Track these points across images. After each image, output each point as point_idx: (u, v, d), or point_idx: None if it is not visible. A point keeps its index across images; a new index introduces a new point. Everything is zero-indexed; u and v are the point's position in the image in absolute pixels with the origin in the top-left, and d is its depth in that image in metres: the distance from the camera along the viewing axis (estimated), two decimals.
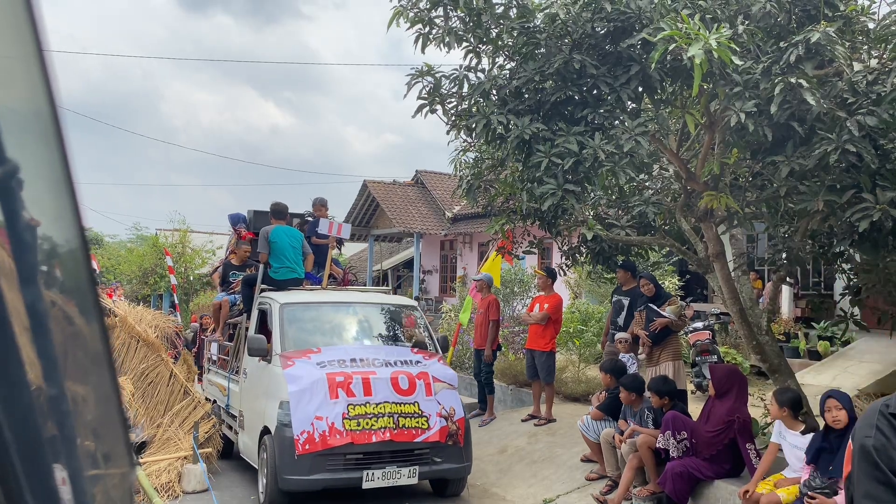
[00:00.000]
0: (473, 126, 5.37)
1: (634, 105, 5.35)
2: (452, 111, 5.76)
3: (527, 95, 5.34)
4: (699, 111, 5.37)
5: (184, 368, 8.79)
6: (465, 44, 5.58)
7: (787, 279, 7.08)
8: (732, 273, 6.67)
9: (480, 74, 5.58)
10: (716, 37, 4.09)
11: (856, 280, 6.16)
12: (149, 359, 8.62)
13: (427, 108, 5.65)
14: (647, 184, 7.78)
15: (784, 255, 6.20)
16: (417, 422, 6.21)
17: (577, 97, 5.23)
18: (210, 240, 28.25)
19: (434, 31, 5.45)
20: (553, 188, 4.91)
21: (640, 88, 5.19)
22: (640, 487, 5.99)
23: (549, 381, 8.54)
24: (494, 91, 5.44)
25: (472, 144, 7.26)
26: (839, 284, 8.94)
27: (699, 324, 9.39)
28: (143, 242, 31.48)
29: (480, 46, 5.65)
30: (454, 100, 5.69)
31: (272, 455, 6.10)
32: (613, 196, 7.45)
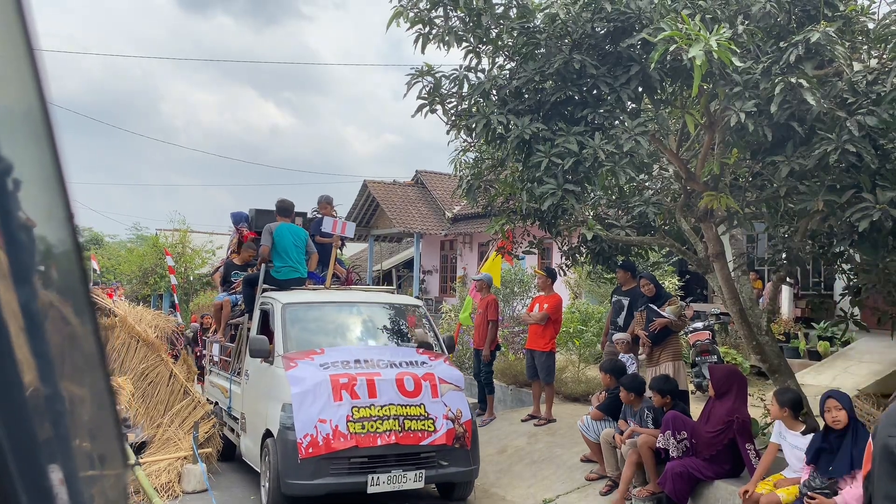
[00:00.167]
0: (473, 126, 5.37)
1: (634, 105, 5.35)
2: (452, 111, 5.76)
3: (527, 95, 5.34)
4: (699, 111, 5.37)
5: (184, 368, 8.79)
6: (465, 44, 5.57)
7: (787, 279, 7.07)
8: (732, 273, 6.67)
9: (480, 74, 5.58)
10: (716, 37, 4.09)
11: (856, 280, 6.16)
12: (149, 359, 8.62)
13: (427, 108, 5.64)
14: (647, 184, 7.78)
15: (784, 256, 6.20)
16: (423, 424, 6.08)
17: (577, 97, 5.23)
18: (210, 240, 28.27)
19: (434, 31, 5.45)
20: (553, 188, 4.90)
21: (640, 88, 5.19)
22: (640, 488, 5.99)
23: (549, 382, 8.53)
24: (494, 91, 5.43)
25: (472, 144, 7.26)
26: (839, 284, 8.94)
27: (699, 324, 9.39)
28: (143, 242, 31.50)
29: (480, 46, 5.64)
30: (454, 100, 5.68)
31: (275, 459, 5.97)
32: (613, 196, 7.45)
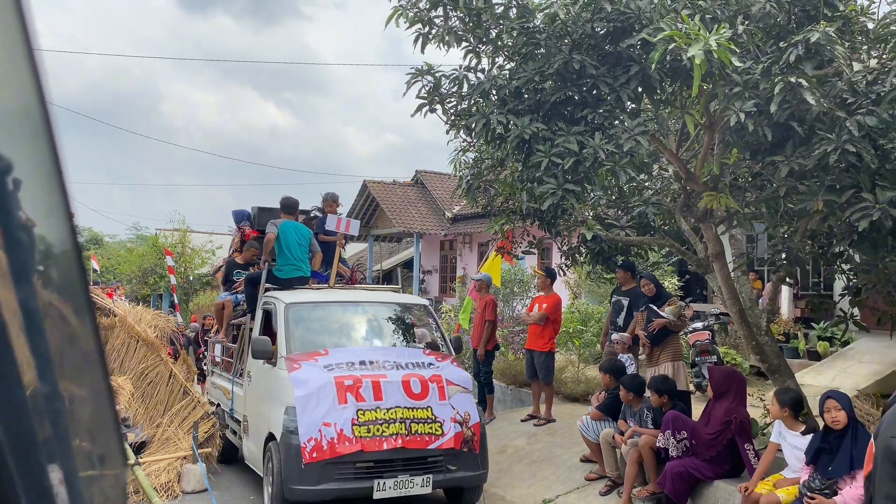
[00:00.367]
0: (473, 126, 5.36)
1: (634, 105, 5.35)
2: (452, 111, 5.75)
3: (526, 95, 5.34)
4: (699, 111, 5.37)
5: (183, 368, 8.80)
6: (465, 44, 5.57)
7: (787, 279, 7.07)
8: (732, 273, 6.67)
9: (480, 74, 5.58)
10: (715, 37, 4.08)
11: (855, 280, 6.15)
12: (148, 358, 8.63)
13: (427, 108, 5.64)
14: (647, 184, 7.78)
15: (784, 256, 6.20)
16: (431, 428, 5.92)
17: (577, 97, 5.23)
18: (210, 240, 28.28)
19: (434, 31, 5.44)
20: (553, 188, 4.90)
21: (640, 88, 5.19)
22: (640, 488, 6.00)
23: (549, 382, 8.53)
24: (494, 91, 5.43)
25: (472, 144, 7.25)
26: (839, 285, 8.93)
27: (699, 324, 9.39)
28: (143, 242, 31.51)
29: (480, 46, 5.64)
30: (454, 99, 5.68)
31: (278, 463, 5.81)
32: (613, 196, 7.45)
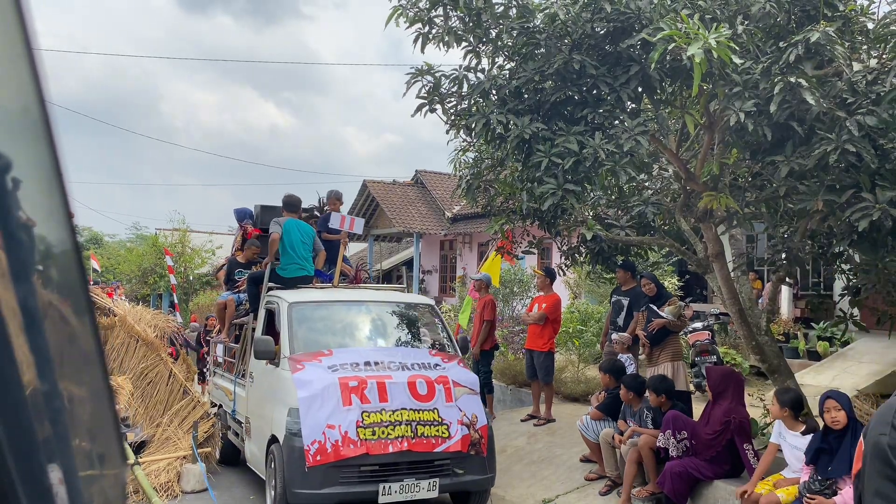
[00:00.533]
0: (473, 126, 5.36)
1: (634, 105, 5.35)
2: (452, 111, 5.75)
3: (526, 95, 5.33)
4: (699, 111, 5.37)
5: (183, 368, 8.80)
6: (465, 43, 5.57)
7: (787, 279, 7.07)
8: (732, 273, 6.67)
9: (480, 74, 5.57)
10: (715, 36, 4.08)
11: (855, 280, 6.15)
12: (148, 358, 8.63)
13: (427, 108, 5.64)
14: (647, 184, 7.78)
15: (783, 256, 6.20)
16: (437, 430, 5.78)
17: (577, 97, 5.23)
18: (210, 239, 28.31)
19: (433, 31, 5.44)
20: (553, 188, 4.90)
21: (640, 88, 5.19)
22: (640, 488, 6.00)
23: (548, 382, 8.54)
24: (494, 91, 5.43)
25: (472, 144, 7.25)
26: (838, 285, 8.94)
27: (699, 324, 9.39)
28: (143, 242, 31.56)
29: (480, 46, 5.64)
30: (454, 99, 5.67)
31: (280, 466, 5.69)
32: (613, 196, 7.45)
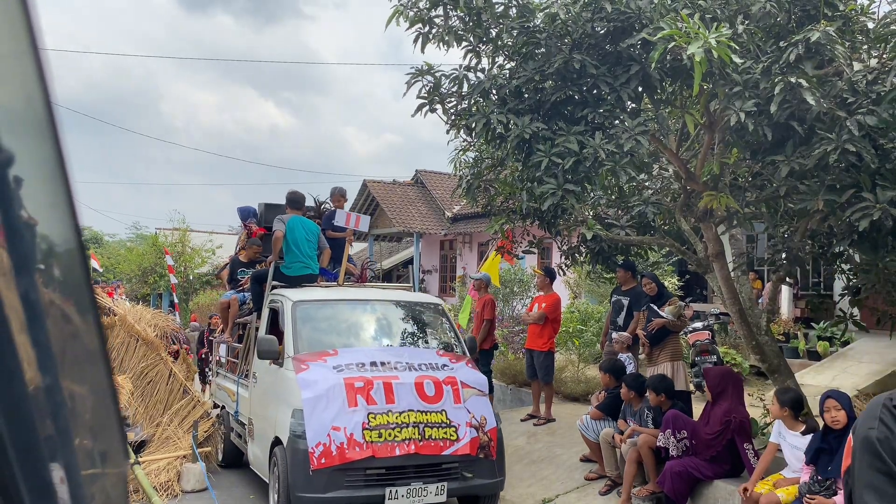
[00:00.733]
0: (473, 125, 5.36)
1: (634, 105, 5.35)
2: (452, 110, 5.75)
3: (527, 95, 5.33)
4: (699, 111, 5.37)
5: (183, 367, 8.80)
6: (465, 43, 5.56)
7: (787, 279, 7.08)
8: (732, 273, 6.67)
9: (480, 74, 5.57)
10: (715, 36, 4.08)
11: (855, 280, 6.16)
12: (148, 357, 8.63)
13: (427, 108, 5.63)
14: (647, 184, 7.78)
15: (783, 256, 6.20)
16: (445, 432, 5.63)
17: (577, 97, 5.23)
18: (210, 239, 28.33)
19: (434, 31, 5.44)
20: (553, 188, 4.90)
21: (640, 88, 5.19)
22: (640, 487, 6.00)
23: (548, 381, 8.54)
24: (494, 90, 5.43)
25: (472, 144, 7.25)
26: (839, 285, 8.94)
27: (699, 324, 9.39)
28: (143, 241, 31.57)
29: (480, 46, 5.64)
30: (454, 99, 5.67)
31: (284, 469, 5.55)
32: (613, 196, 7.45)
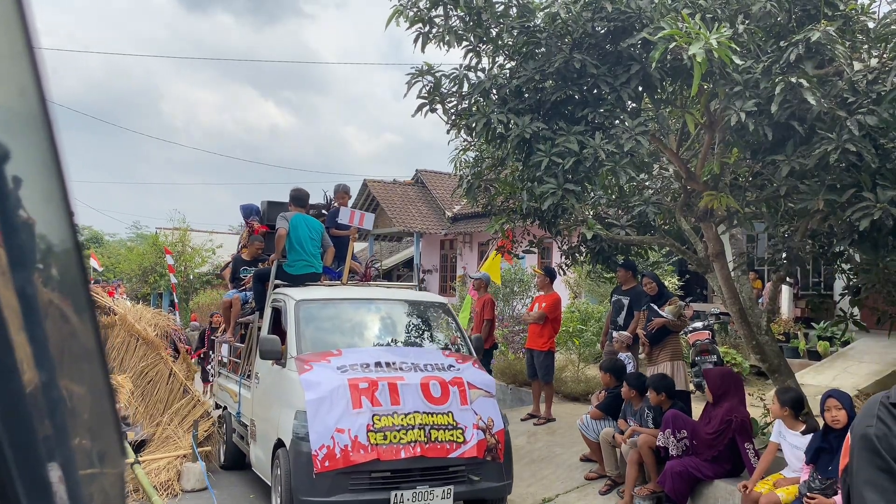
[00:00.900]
0: (473, 125, 5.36)
1: (635, 104, 5.34)
2: (452, 110, 5.75)
3: (527, 95, 5.33)
4: (699, 111, 5.37)
5: (183, 367, 8.80)
6: (465, 43, 5.56)
7: (787, 279, 7.08)
8: (732, 273, 6.67)
9: (480, 74, 5.57)
10: (716, 36, 4.08)
11: (855, 280, 6.16)
12: (148, 357, 8.63)
13: (427, 108, 5.63)
14: (647, 183, 7.78)
15: (784, 255, 6.20)
16: (452, 435, 5.52)
17: (578, 96, 5.22)
18: (210, 238, 28.36)
19: (434, 31, 5.44)
20: (553, 187, 4.90)
21: (641, 88, 5.18)
22: (640, 486, 6.00)
23: (548, 381, 8.54)
24: (494, 90, 5.42)
25: (472, 144, 7.25)
26: (839, 284, 8.94)
27: (699, 323, 9.37)
28: (143, 241, 31.59)
29: (480, 45, 5.63)
30: (454, 99, 5.67)
31: (286, 472, 5.43)
32: (613, 196, 7.45)
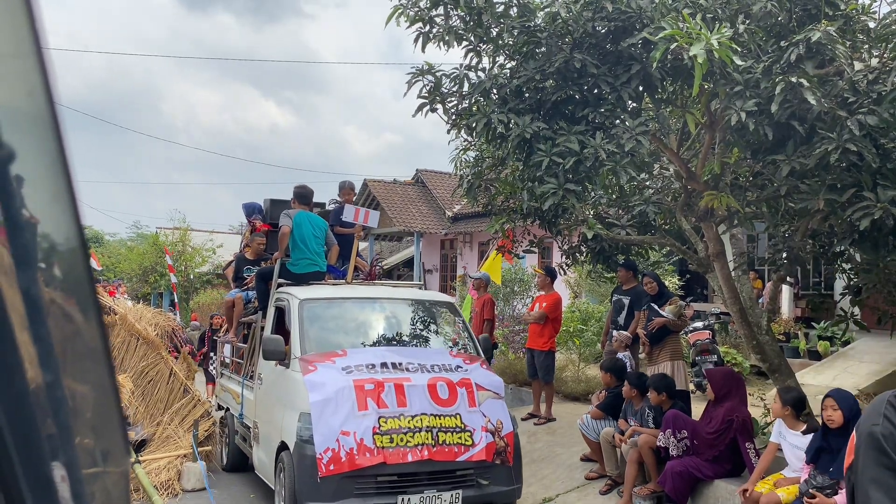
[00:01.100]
0: (474, 125, 5.36)
1: (635, 104, 5.35)
2: (453, 110, 5.75)
3: (527, 94, 5.33)
4: (700, 110, 5.37)
5: (183, 366, 8.81)
6: (466, 43, 5.56)
7: (788, 279, 7.08)
8: (732, 273, 6.67)
9: (481, 73, 5.57)
10: (716, 36, 4.08)
11: (856, 280, 6.16)
12: (149, 357, 8.63)
13: (427, 107, 5.64)
14: (648, 183, 7.78)
15: (784, 255, 6.20)
16: (460, 437, 5.38)
17: (578, 96, 5.22)
18: (210, 238, 28.36)
19: (434, 30, 5.44)
20: (554, 187, 4.90)
21: (641, 88, 5.19)
22: (641, 486, 6.00)
23: (549, 381, 8.54)
24: (495, 90, 5.42)
25: (473, 143, 7.25)
26: (839, 284, 8.94)
27: (699, 323, 9.38)
28: (144, 241, 31.58)
29: (481, 45, 5.64)
30: (454, 99, 5.67)
31: (290, 476, 5.28)
32: (614, 195, 7.45)
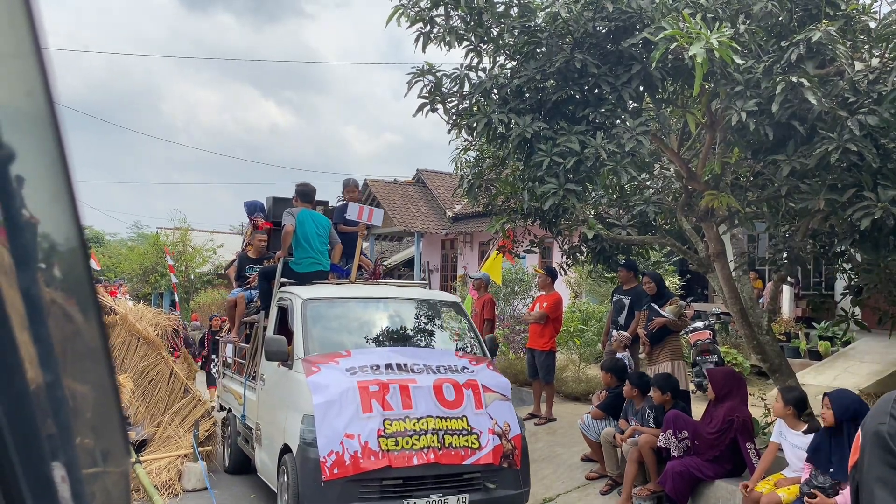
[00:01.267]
0: (474, 125, 5.36)
1: (636, 104, 5.35)
2: (453, 110, 5.75)
3: (528, 94, 5.33)
4: (700, 110, 5.37)
5: (184, 366, 8.81)
6: (466, 43, 5.56)
7: (788, 279, 7.08)
8: (733, 273, 6.67)
9: (481, 73, 5.57)
10: (717, 36, 4.08)
11: (857, 280, 6.16)
12: (149, 357, 8.63)
13: (428, 107, 5.64)
14: (648, 183, 7.78)
15: (785, 255, 6.20)
16: (466, 440, 5.30)
17: (579, 96, 5.22)
18: (211, 238, 28.38)
19: (435, 30, 5.44)
20: (554, 187, 4.90)
21: (642, 88, 5.18)
22: (641, 487, 6.00)
23: (549, 381, 8.54)
24: (495, 90, 5.42)
25: (473, 143, 7.26)
26: (840, 284, 8.93)
27: (700, 323, 9.39)
28: (144, 241, 31.61)
29: (481, 45, 5.63)
30: (455, 99, 5.67)
31: (293, 479, 5.20)
32: (614, 195, 7.45)
